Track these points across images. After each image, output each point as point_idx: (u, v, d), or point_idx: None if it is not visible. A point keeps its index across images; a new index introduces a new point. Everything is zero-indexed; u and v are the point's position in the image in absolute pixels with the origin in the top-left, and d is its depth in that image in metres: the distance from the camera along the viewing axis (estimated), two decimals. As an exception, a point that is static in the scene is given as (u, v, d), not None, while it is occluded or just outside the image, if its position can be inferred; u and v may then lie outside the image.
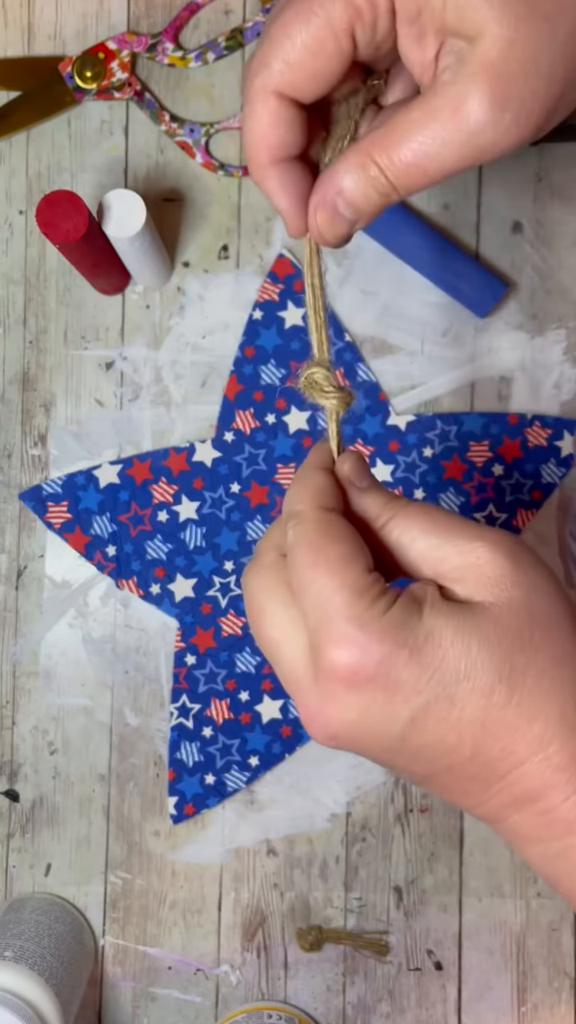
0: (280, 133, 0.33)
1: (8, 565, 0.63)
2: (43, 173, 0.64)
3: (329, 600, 0.32)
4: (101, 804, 0.63)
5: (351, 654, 0.31)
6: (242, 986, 0.62)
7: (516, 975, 0.62)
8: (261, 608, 0.34)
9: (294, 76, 0.32)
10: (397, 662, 0.31)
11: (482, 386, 0.63)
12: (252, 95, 0.33)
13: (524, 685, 0.32)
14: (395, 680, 0.31)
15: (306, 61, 0.32)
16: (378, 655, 0.31)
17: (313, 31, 0.31)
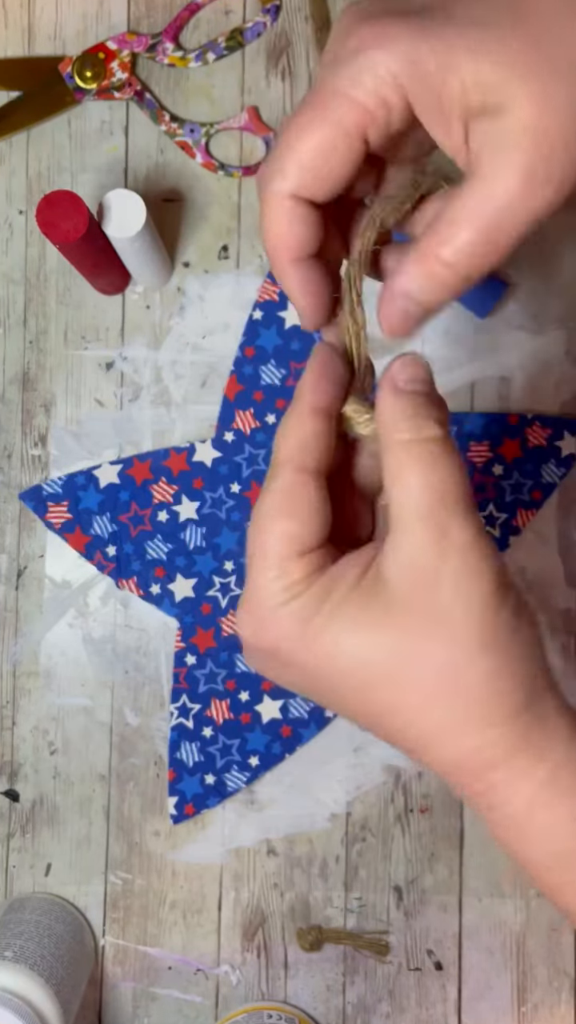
0: (297, 234, 0.33)
1: (8, 565, 0.63)
2: (43, 173, 0.64)
3: (255, 573, 0.34)
4: (101, 804, 0.63)
5: (250, 631, 0.35)
6: (242, 986, 0.62)
7: (516, 975, 0.62)
8: None
9: (307, 179, 0.32)
10: (288, 648, 0.34)
11: (482, 386, 0.63)
12: (268, 198, 0.33)
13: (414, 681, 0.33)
14: (285, 660, 0.34)
15: (319, 164, 0.32)
16: (271, 639, 0.34)
17: (324, 134, 0.32)
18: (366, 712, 0.34)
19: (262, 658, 0.35)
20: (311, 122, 0.32)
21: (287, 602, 0.34)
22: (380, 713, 0.34)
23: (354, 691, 0.34)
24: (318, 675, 0.34)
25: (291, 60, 0.64)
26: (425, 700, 0.33)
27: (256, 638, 0.34)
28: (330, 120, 0.32)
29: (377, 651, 0.33)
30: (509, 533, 0.63)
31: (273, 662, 0.35)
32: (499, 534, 0.63)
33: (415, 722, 0.33)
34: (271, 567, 0.34)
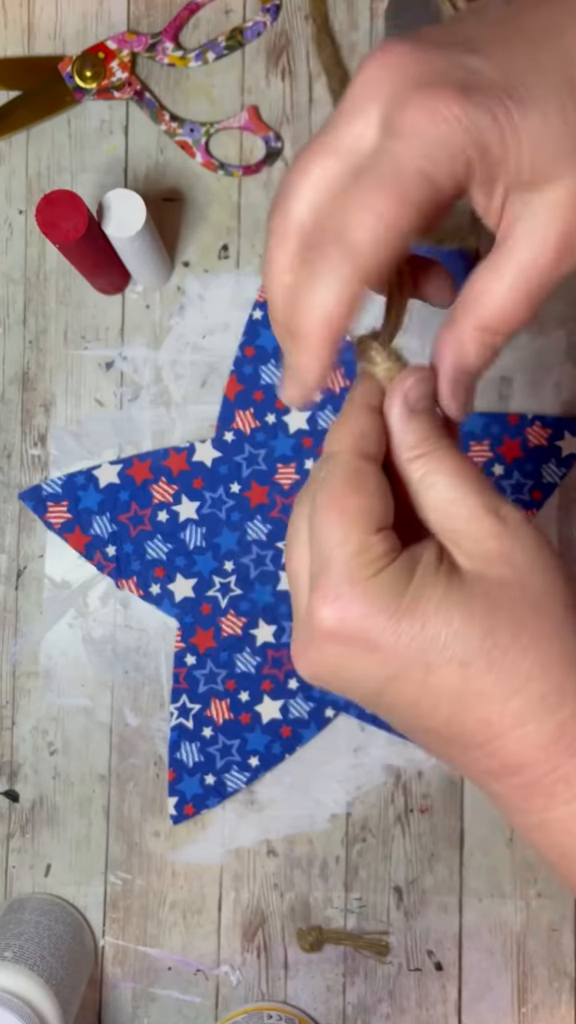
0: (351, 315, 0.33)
1: (8, 565, 0.63)
2: (43, 173, 0.64)
3: (331, 551, 0.33)
4: (101, 804, 0.63)
5: (334, 610, 0.33)
6: (242, 986, 0.62)
7: (516, 975, 0.62)
8: (292, 535, 0.36)
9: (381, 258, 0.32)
10: (376, 625, 0.32)
11: (482, 386, 0.63)
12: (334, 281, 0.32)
13: (503, 661, 0.32)
14: (373, 642, 0.33)
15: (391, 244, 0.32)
16: (359, 616, 0.32)
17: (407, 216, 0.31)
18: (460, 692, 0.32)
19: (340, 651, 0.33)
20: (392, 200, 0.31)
21: (373, 575, 0.33)
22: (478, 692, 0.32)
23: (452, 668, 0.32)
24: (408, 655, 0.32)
25: (291, 59, 0.64)
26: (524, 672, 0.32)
27: (340, 618, 0.33)
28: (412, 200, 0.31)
29: (476, 623, 0.32)
30: (509, 533, 0.63)
31: (355, 651, 0.33)
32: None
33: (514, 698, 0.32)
34: (351, 542, 0.33)
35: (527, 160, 0.31)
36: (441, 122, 0.30)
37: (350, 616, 0.33)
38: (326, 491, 0.34)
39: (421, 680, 0.33)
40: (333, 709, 0.62)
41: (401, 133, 0.31)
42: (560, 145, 0.31)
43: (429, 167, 0.31)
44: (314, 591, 0.33)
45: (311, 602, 0.33)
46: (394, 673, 0.33)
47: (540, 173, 0.31)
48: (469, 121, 0.30)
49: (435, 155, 0.31)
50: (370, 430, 0.35)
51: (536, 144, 0.31)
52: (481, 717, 0.33)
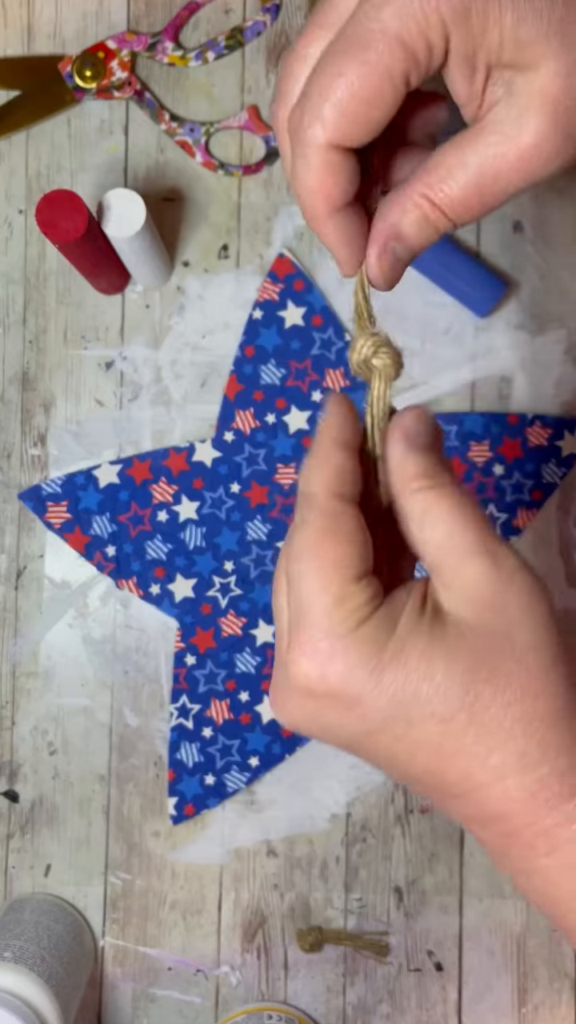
0: (337, 183, 0.32)
1: (8, 565, 0.63)
2: (43, 172, 0.64)
3: (309, 602, 0.32)
4: (101, 804, 0.63)
5: (312, 664, 0.32)
6: (242, 987, 0.62)
7: (517, 976, 0.62)
8: (277, 579, 0.35)
9: (349, 127, 0.31)
10: (357, 681, 0.31)
11: (482, 386, 0.63)
12: (306, 148, 0.31)
13: (484, 717, 0.31)
14: (353, 696, 0.31)
15: (362, 111, 0.31)
16: (340, 671, 0.31)
17: (371, 80, 0.30)
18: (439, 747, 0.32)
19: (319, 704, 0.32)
20: (352, 63, 0.30)
21: (354, 628, 0.31)
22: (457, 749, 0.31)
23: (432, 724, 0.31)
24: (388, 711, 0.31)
25: (291, 59, 0.64)
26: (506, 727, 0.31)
27: (319, 675, 0.31)
28: (376, 64, 0.30)
29: (457, 678, 0.31)
30: (509, 533, 0.63)
31: (335, 706, 0.32)
32: (500, 534, 0.62)
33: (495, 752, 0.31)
34: (329, 594, 0.32)
35: (509, 33, 0.30)
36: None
37: (329, 672, 0.31)
38: (302, 537, 0.32)
39: (401, 734, 0.32)
40: (333, 709, 0.62)
41: None
42: (544, 22, 0.30)
43: (397, 27, 0.30)
44: (292, 643, 0.32)
45: (289, 654, 0.32)
46: (374, 728, 0.32)
47: (523, 51, 0.30)
48: None
49: (405, 15, 0.30)
50: (344, 468, 0.33)
51: (519, 17, 0.30)
52: (461, 769, 0.32)
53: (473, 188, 0.32)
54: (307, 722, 0.33)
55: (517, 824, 0.32)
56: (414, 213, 0.33)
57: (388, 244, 0.33)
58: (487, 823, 0.33)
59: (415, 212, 0.33)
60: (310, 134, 0.31)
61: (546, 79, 0.30)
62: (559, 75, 0.30)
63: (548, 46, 0.30)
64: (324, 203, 0.33)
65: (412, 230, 0.33)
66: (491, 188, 0.32)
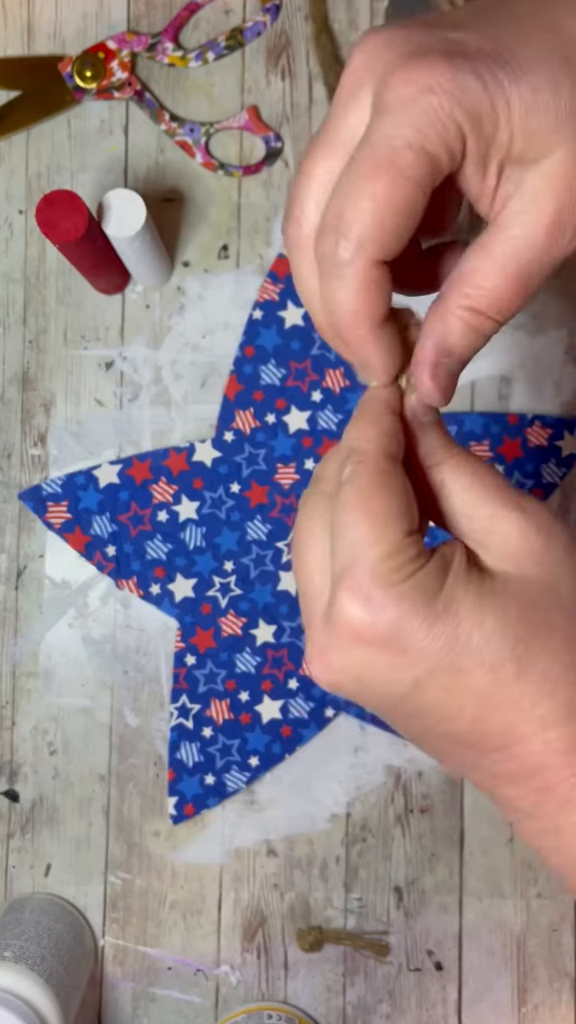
0: (380, 299, 0.32)
1: (8, 565, 0.63)
2: (43, 173, 0.64)
3: (362, 551, 0.32)
4: (101, 804, 0.63)
5: (365, 610, 0.32)
6: (242, 986, 0.62)
7: (516, 976, 0.62)
8: (305, 536, 0.35)
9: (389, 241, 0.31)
10: (409, 626, 0.31)
11: (482, 386, 0.63)
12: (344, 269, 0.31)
13: (534, 665, 0.32)
14: (404, 644, 0.32)
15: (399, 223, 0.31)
16: (392, 617, 0.31)
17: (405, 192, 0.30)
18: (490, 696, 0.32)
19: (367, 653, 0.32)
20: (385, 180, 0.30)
21: (407, 577, 0.32)
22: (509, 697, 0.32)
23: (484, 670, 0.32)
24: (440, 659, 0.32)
25: (291, 59, 0.64)
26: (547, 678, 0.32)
27: (372, 620, 0.31)
28: (408, 176, 0.30)
29: (505, 629, 0.32)
30: (509, 533, 0.63)
31: (383, 654, 0.32)
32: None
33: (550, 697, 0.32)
34: (383, 544, 0.32)
35: (519, 130, 0.30)
36: (428, 91, 0.29)
37: (383, 618, 0.31)
38: (353, 490, 0.33)
39: (449, 683, 0.32)
40: (333, 709, 0.62)
41: (388, 109, 0.30)
42: (551, 116, 0.30)
43: (420, 139, 0.30)
44: (341, 590, 0.32)
45: (337, 602, 0.32)
46: (422, 676, 0.32)
47: (532, 145, 0.30)
48: (457, 86, 0.29)
49: (425, 125, 0.30)
50: (395, 431, 0.34)
51: (527, 113, 0.30)
52: (506, 720, 0.32)
53: (512, 281, 0.32)
54: (352, 674, 0.33)
55: (555, 777, 0.32)
56: (459, 326, 0.33)
57: (440, 362, 0.34)
58: (523, 778, 0.33)
59: (459, 325, 0.33)
60: (349, 255, 0.31)
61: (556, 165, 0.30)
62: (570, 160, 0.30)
63: (559, 135, 0.30)
64: (368, 322, 0.32)
65: (459, 343, 0.33)
66: (527, 276, 0.32)
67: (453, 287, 0.33)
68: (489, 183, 0.31)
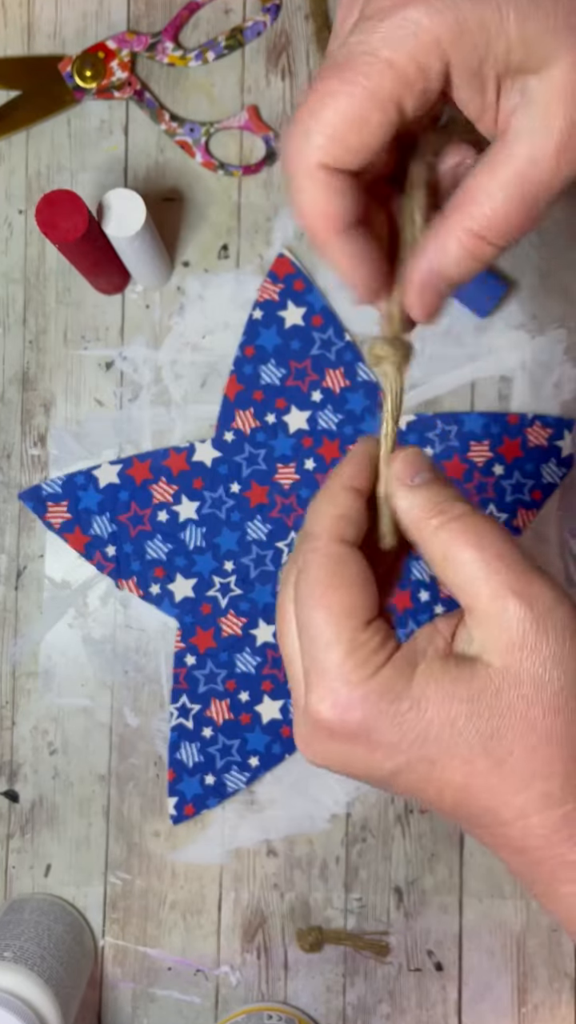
0: (334, 205, 0.31)
1: (8, 565, 0.63)
2: (43, 172, 0.64)
3: (322, 652, 0.32)
4: (101, 804, 0.63)
5: (333, 710, 0.31)
6: (242, 987, 0.62)
7: (516, 976, 0.62)
8: (281, 618, 0.34)
9: (338, 150, 0.30)
10: (378, 725, 0.31)
11: (482, 386, 0.63)
12: (295, 170, 0.30)
13: (509, 761, 0.31)
14: (375, 741, 0.31)
15: (350, 135, 0.29)
16: (359, 716, 0.31)
17: (356, 104, 0.29)
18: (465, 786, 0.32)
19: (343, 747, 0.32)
20: (341, 88, 0.29)
21: (369, 677, 0.31)
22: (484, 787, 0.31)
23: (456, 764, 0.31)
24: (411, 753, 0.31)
25: (291, 59, 0.64)
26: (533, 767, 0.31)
27: (341, 720, 0.31)
28: (363, 87, 0.28)
29: (482, 721, 0.31)
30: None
31: (358, 749, 0.32)
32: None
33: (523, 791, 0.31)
34: (340, 643, 0.31)
35: (516, 37, 0.28)
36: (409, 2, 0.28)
37: (351, 718, 0.31)
38: (307, 585, 0.32)
39: (426, 774, 0.32)
40: (333, 709, 0.62)
41: (366, 16, 0.29)
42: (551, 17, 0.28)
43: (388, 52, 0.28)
44: (310, 691, 0.32)
45: (308, 702, 0.32)
46: (398, 768, 0.32)
47: (534, 51, 0.28)
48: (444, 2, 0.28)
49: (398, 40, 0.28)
50: (349, 512, 0.33)
51: (523, 16, 0.28)
52: (486, 806, 0.32)
53: (516, 204, 0.30)
54: (333, 762, 0.33)
55: (540, 856, 0.32)
56: (456, 249, 0.31)
57: (428, 281, 0.32)
58: (512, 852, 0.33)
59: (457, 249, 0.31)
60: (299, 156, 0.30)
61: (563, 75, 0.29)
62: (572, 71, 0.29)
63: (559, 41, 0.28)
64: (323, 226, 0.31)
65: (455, 266, 0.32)
66: (533, 199, 0.30)
67: (455, 207, 0.31)
68: (488, 98, 0.30)
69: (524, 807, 0.31)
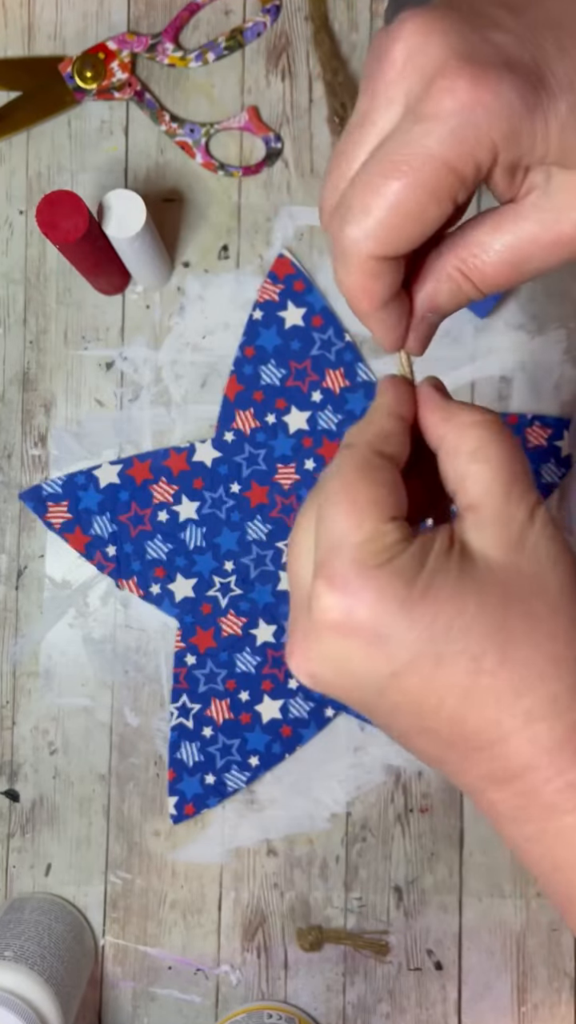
0: (379, 287, 0.33)
1: (8, 565, 0.63)
2: (43, 173, 0.64)
3: (341, 538, 0.31)
4: (101, 804, 0.63)
5: (341, 597, 0.31)
6: (242, 986, 0.62)
7: (516, 975, 0.62)
8: (297, 528, 0.34)
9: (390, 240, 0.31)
10: (387, 614, 0.31)
11: (482, 386, 0.63)
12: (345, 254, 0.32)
13: (517, 656, 0.31)
14: (382, 632, 0.31)
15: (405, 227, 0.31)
16: (369, 604, 0.31)
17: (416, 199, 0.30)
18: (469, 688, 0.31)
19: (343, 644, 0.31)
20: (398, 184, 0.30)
21: (387, 562, 0.31)
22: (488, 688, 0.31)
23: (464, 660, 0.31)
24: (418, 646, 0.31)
25: (291, 60, 0.64)
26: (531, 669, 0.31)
27: (348, 607, 0.31)
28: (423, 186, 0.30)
29: (487, 616, 0.31)
30: (509, 533, 0.63)
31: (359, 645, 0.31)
32: None
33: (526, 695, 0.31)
34: (363, 530, 0.31)
35: (555, 146, 0.30)
36: (470, 107, 0.29)
37: (359, 604, 0.31)
38: (337, 479, 0.32)
39: (429, 674, 0.31)
40: (333, 709, 0.62)
41: (426, 115, 0.30)
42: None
43: (450, 154, 0.30)
44: (318, 578, 0.31)
45: (315, 590, 0.31)
46: (401, 667, 0.31)
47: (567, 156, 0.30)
48: (501, 105, 0.29)
49: (459, 142, 0.29)
50: (392, 433, 0.34)
51: (562, 130, 0.30)
52: (489, 716, 0.31)
53: (507, 266, 0.32)
54: (329, 668, 0.32)
55: (540, 778, 0.31)
56: (448, 285, 0.33)
57: (424, 316, 0.35)
58: (507, 781, 0.32)
59: (449, 284, 0.33)
60: (349, 243, 0.32)
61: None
62: None
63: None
64: (368, 302, 0.33)
65: (445, 300, 0.34)
66: (524, 267, 0.32)
67: (454, 249, 0.33)
68: (517, 182, 0.31)
69: (530, 712, 0.31)
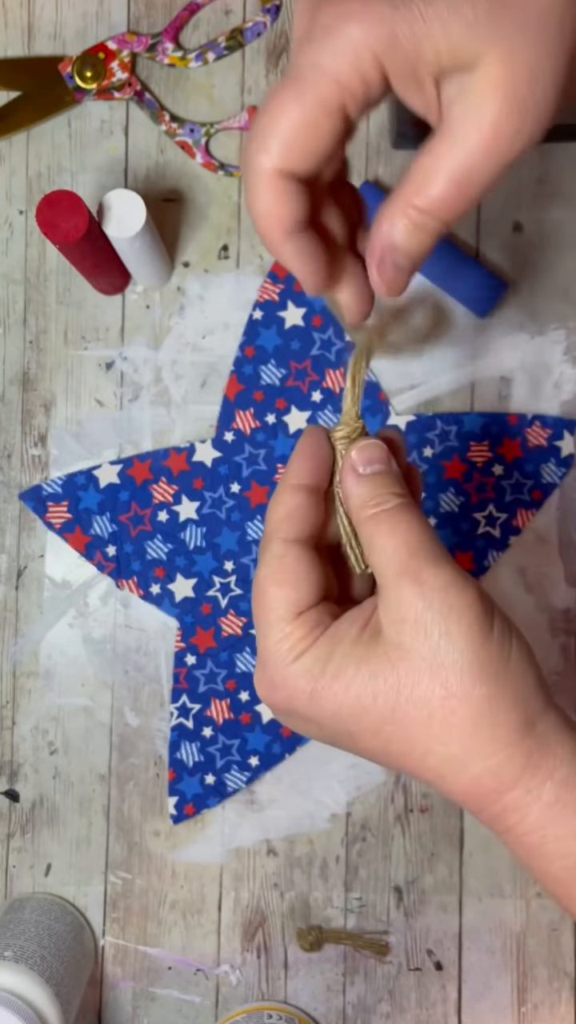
0: (286, 208, 0.34)
1: (8, 565, 0.63)
2: (43, 173, 0.64)
3: (261, 638, 0.37)
4: (101, 804, 0.63)
5: (268, 690, 0.37)
6: (242, 986, 0.62)
7: (516, 975, 0.62)
8: None
9: (291, 155, 0.33)
10: (300, 705, 0.36)
11: (482, 386, 0.63)
12: (252, 176, 0.34)
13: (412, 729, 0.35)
14: (300, 715, 0.37)
15: (300, 141, 0.33)
16: (285, 698, 0.37)
17: (306, 112, 0.32)
18: (385, 752, 0.36)
19: (281, 715, 0.38)
20: (291, 99, 0.32)
21: (293, 661, 0.36)
22: (398, 753, 0.36)
23: (369, 736, 0.36)
24: (333, 727, 0.36)
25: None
26: (431, 736, 0.35)
27: (272, 699, 0.37)
28: (311, 97, 0.32)
29: (381, 698, 0.35)
30: (509, 533, 0.63)
31: (292, 718, 0.38)
32: (499, 534, 0.63)
33: (427, 757, 0.35)
34: (274, 630, 0.37)
35: (443, 43, 0.31)
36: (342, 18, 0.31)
37: (279, 697, 0.37)
38: (256, 581, 0.37)
39: (350, 743, 0.37)
40: (333, 709, 0.62)
41: (311, 36, 0.32)
42: (471, 21, 0.31)
43: (331, 65, 0.32)
44: (255, 669, 0.38)
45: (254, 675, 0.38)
46: (329, 736, 0.37)
47: (461, 52, 0.32)
48: (368, 12, 0.31)
49: (338, 54, 0.32)
50: (296, 509, 0.38)
51: (446, 23, 0.31)
52: (409, 769, 0.36)
53: (453, 186, 0.33)
54: (287, 724, 0.39)
55: (473, 809, 0.36)
56: (403, 220, 0.35)
57: (385, 256, 0.36)
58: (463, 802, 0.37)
59: (403, 221, 0.35)
60: (256, 163, 0.33)
61: (490, 69, 0.32)
62: (500, 62, 0.32)
63: (482, 40, 0.31)
64: (276, 227, 0.35)
65: (404, 238, 0.35)
66: (469, 182, 0.33)
67: (399, 187, 0.35)
68: (428, 95, 0.33)
69: (438, 768, 0.36)
